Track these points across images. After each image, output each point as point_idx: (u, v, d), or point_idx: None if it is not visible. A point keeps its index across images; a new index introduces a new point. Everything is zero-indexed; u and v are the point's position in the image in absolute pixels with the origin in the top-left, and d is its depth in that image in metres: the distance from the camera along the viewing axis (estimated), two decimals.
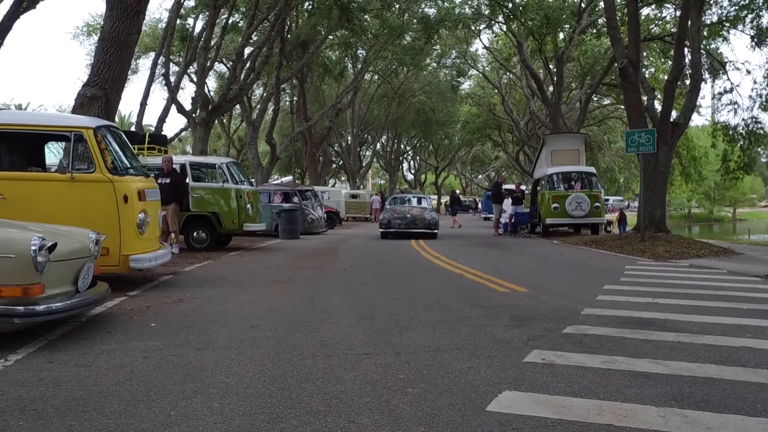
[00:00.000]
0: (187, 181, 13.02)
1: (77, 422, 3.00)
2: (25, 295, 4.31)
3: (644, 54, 24.22)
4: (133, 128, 21.36)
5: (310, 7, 26.81)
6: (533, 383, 3.75)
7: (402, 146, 58.09)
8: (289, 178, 36.39)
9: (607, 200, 34.49)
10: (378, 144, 52.06)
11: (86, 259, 5.09)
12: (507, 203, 21.63)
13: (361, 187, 45.82)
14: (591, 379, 3.83)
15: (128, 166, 7.63)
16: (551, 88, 30.40)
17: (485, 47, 37.87)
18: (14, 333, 4.60)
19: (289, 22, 26.77)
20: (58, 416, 3.08)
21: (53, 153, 11.51)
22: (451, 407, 3.30)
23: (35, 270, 4.31)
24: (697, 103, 19.84)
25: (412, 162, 67.19)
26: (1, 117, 7.23)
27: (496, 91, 40.61)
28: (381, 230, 18.30)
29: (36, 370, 3.89)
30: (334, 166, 50.49)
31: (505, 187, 23.57)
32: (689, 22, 16.01)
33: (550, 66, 29.71)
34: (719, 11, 22.50)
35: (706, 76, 23.57)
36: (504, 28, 29.50)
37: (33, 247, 4.29)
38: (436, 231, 18.30)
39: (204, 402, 3.31)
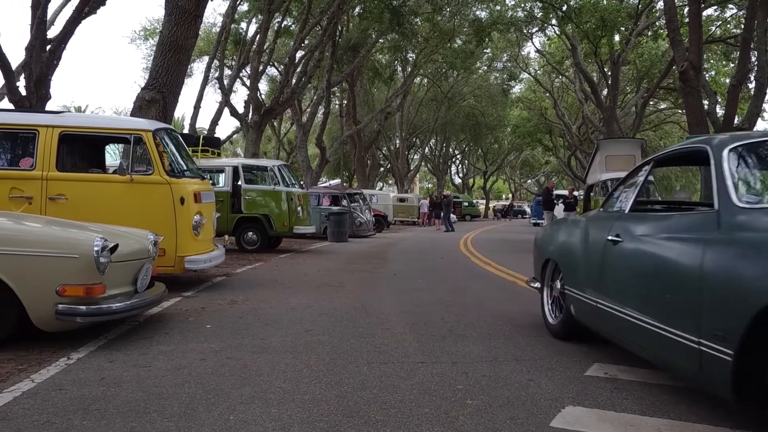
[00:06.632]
0: (240, 183, 13.21)
1: (139, 424, 3.01)
2: (87, 295, 4.39)
3: (705, 56, 23.40)
4: (185, 130, 21.84)
5: (362, 11, 26.95)
6: (597, 399, 3.60)
7: (450, 150, 57.82)
8: (338, 181, 36.73)
9: None
10: (426, 148, 51.96)
11: (145, 260, 5.16)
12: (559, 209, 21.23)
13: (409, 190, 45.77)
14: (658, 396, 3.66)
15: (185, 168, 7.75)
16: (606, 92, 29.75)
17: (537, 51, 37.38)
18: (75, 331, 4.70)
19: (340, 27, 26.98)
20: (120, 417, 3.10)
21: (109, 155, 11.82)
22: (513, 421, 3.19)
23: (97, 270, 4.39)
24: (762, 108, 19.03)
25: (460, 166, 66.84)
26: (66, 120, 7.41)
27: (547, 94, 40.02)
28: None
29: (97, 369, 3.95)
30: (382, 169, 50.61)
31: (556, 192, 23.14)
32: (755, 23, 15.39)
33: (605, 69, 29.07)
34: None
35: None
36: (557, 30, 29.03)
37: (96, 248, 4.37)
38: None
39: (262, 407, 3.29)
